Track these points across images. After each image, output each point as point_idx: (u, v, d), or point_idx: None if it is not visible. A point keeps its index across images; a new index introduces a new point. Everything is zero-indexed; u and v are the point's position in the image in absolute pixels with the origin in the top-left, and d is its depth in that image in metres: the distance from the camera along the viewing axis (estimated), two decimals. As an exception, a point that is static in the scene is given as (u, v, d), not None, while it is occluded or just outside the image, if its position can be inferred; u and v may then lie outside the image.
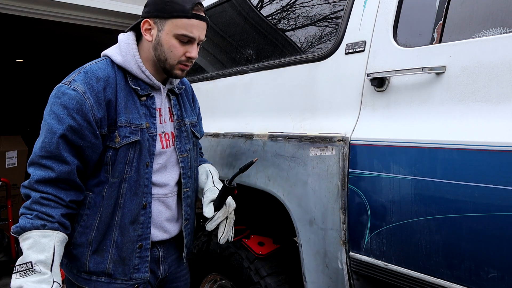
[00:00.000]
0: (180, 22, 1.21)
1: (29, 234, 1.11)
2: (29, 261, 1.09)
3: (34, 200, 1.14)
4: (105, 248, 1.25)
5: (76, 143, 1.17)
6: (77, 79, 1.19)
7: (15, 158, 3.96)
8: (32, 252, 1.10)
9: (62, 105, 1.15)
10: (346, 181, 1.33)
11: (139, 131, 1.25)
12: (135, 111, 1.26)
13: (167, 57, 1.25)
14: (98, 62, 1.27)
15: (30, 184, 1.15)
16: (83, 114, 1.16)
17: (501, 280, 1.01)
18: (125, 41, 1.29)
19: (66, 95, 1.16)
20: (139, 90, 1.27)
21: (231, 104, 2.01)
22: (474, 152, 1.05)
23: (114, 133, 1.22)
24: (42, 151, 1.15)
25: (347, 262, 1.37)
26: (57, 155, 1.15)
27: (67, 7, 3.92)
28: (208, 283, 2.10)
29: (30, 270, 1.08)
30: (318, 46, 1.63)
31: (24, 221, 1.12)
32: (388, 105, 1.30)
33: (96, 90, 1.19)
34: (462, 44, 1.15)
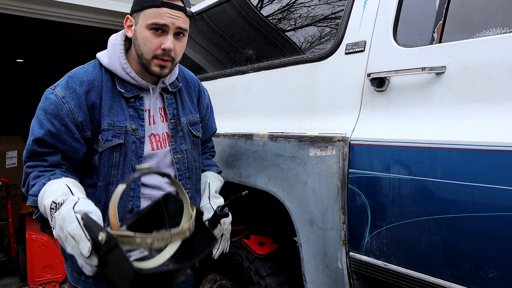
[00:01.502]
0: (150, 11, 1.17)
1: (41, 192, 1.11)
2: (49, 206, 1.04)
3: (33, 176, 1.17)
4: None
5: (55, 147, 1.20)
6: (60, 84, 1.22)
7: (15, 158, 3.96)
8: (47, 199, 1.06)
9: (43, 109, 1.20)
10: (346, 181, 1.33)
11: (123, 134, 1.23)
12: (120, 113, 1.24)
13: (142, 51, 1.21)
14: (86, 65, 1.29)
15: (25, 172, 1.21)
16: (61, 118, 1.18)
17: (501, 280, 1.01)
18: (112, 42, 1.29)
19: (48, 100, 1.20)
20: (124, 92, 1.26)
21: (231, 104, 2.01)
22: (474, 152, 1.05)
23: (98, 136, 1.23)
24: (28, 153, 1.21)
25: (347, 262, 1.37)
26: (42, 153, 1.20)
27: (67, 7, 3.92)
28: (208, 283, 2.10)
29: (55, 208, 1.03)
30: (318, 46, 1.63)
31: (32, 190, 1.15)
32: (388, 105, 1.30)
33: (78, 93, 1.20)
34: (462, 44, 1.15)
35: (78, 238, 0.90)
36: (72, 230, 0.91)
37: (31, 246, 3.20)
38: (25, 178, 1.21)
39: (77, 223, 0.92)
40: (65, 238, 0.94)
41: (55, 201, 1.03)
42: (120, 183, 1.00)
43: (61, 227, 0.94)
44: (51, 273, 3.26)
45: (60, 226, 0.95)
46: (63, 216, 0.95)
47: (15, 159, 3.96)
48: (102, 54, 1.29)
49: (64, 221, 0.94)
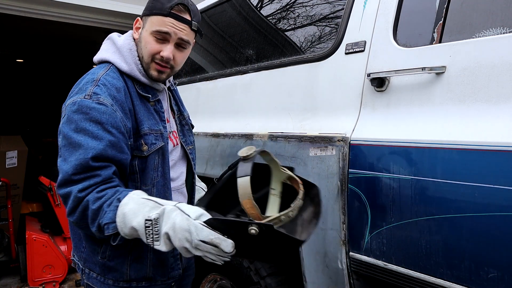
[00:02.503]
0: (156, 19, 1.19)
1: (120, 217, 1.03)
2: (143, 225, 1.00)
3: (93, 200, 1.05)
4: (143, 255, 1.25)
5: (115, 158, 1.11)
6: (99, 91, 1.13)
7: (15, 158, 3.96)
8: (136, 221, 1.01)
9: (93, 120, 1.09)
10: (346, 181, 1.33)
11: (160, 137, 1.26)
12: (151, 118, 1.26)
13: (143, 53, 1.23)
14: (108, 71, 1.22)
15: (77, 198, 1.05)
16: (117, 126, 1.12)
17: (501, 280, 1.01)
18: (127, 46, 1.26)
19: (95, 110, 1.10)
20: (150, 97, 1.27)
21: (231, 104, 2.01)
22: (474, 152, 1.05)
23: (138, 142, 1.20)
24: (78, 168, 1.06)
25: (347, 262, 1.37)
26: (97, 168, 1.08)
27: (67, 7, 3.92)
28: (208, 283, 2.10)
29: (152, 225, 1.00)
30: (318, 46, 1.63)
31: (107, 218, 1.04)
32: (388, 105, 1.30)
33: (120, 100, 1.16)
34: (462, 44, 1.15)
35: (217, 241, 0.95)
36: (206, 236, 0.96)
37: (31, 246, 3.20)
38: (75, 204, 1.06)
39: (207, 229, 0.96)
40: (196, 246, 0.97)
41: (149, 219, 1.00)
42: (240, 175, 1.08)
43: (187, 239, 0.97)
44: (51, 273, 3.27)
45: (185, 238, 0.97)
46: (184, 229, 0.97)
47: (15, 159, 3.96)
48: (116, 59, 1.25)
49: (189, 232, 0.97)
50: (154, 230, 1.00)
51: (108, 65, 1.25)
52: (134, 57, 1.25)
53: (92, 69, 1.25)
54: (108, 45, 1.29)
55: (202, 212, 1.02)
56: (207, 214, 1.02)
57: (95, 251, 1.23)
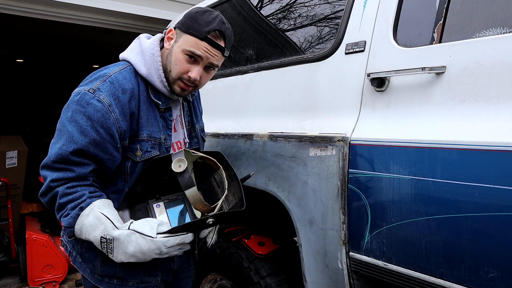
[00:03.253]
0: (191, 39, 1.21)
1: (79, 226, 1.12)
2: (99, 240, 1.11)
3: (61, 194, 1.13)
4: None
5: (96, 156, 1.16)
6: (103, 88, 1.16)
7: (15, 158, 3.96)
8: (92, 235, 1.11)
9: (86, 115, 1.13)
10: (346, 181, 1.33)
11: (157, 145, 1.27)
12: (155, 124, 1.27)
13: (172, 69, 1.25)
14: (123, 70, 1.24)
15: (49, 186, 1.14)
16: (107, 127, 1.14)
17: (501, 280, 1.01)
18: (151, 51, 1.27)
19: (91, 106, 1.13)
20: (160, 104, 1.28)
21: (231, 104, 2.01)
22: (474, 152, 1.05)
23: (135, 145, 1.23)
24: (58, 158, 1.13)
25: (347, 262, 1.37)
26: (75, 163, 1.14)
27: (67, 7, 3.92)
28: (208, 283, 2.10)
29: (106, 242, 1.11)
30: (318, 46, 1.63)
31: (66, 222, 1.14)
32: (388, 105, 1.30)
33: (121, 102, 1.17)
34: (462, 44, 1.15)
35: (181, 241, 1.14)
36: (173, 243, 1.13)
37: (31, 246, 3.20)
38: (47, 190, 1.15)
39: (172, 238, 1.13)
40: (165, 253, 1.13)
41: (104, 237, 1.11)
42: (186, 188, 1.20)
43: (156, 254, 1.12)
44: (51, 273, 3.27)
45: (155, 254, 1.12)
46: (153, 248, 1.11)
47: (15, 159, 3.96)
48: (136, 60, 1.27)
49: (158, 249, 1.11)
50: (109, 247, 1.11)
51: (126, 64, 1.27)
52: (156, 63, 1.26)
53: (112, 64, 1.28)
54: (135, 45, 1.31)
55: (158, 222, 1.15)
56: (162, 222, 1.17)
57: (77, 240, 1.27)
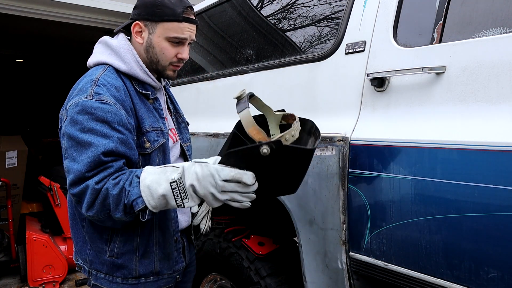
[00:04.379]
0: (171, 25, 1.22)
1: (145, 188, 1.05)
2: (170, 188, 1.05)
3: (112, 186, 1.06)
4: (150, 250, 1.28)
5: (125, 154, 1.13)
6: (100, 91, 1.14)
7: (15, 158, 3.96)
8: (162, 187, 1.05)
9: (99, 120, 1.10)
10: (346, 181, 1.33)
11: (161, 134, 1.28)
12: (151, 115, 1.28)
13: (159, 59, 1.27)
14: (105, 72, 1.21)
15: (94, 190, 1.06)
16: (124, 124, 1.14)
17: (501, 280, 1.01)
18: (124, 47, 1.27)
19: (99, 109, 1.10)
20: (150, 95, 1.29)
21: (231, 104, 2.01)
22: (474, 152, 1.05)
23: (141, 139, 1.23)
24: (92, 165, 1.07)
25: (347, 262, 1.37)
26: (110, 161, 1.10)
27: (67, 7, 3.92)
28: (208, 283, 2.10)
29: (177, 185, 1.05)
30: (318, 46, 1.63)
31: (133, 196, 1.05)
32: (388, 105, 1.30)
33: (120, 99, 1.17)
34: (462, 44, 1.15)
35: (238, 176, 1.02)
36: (227, 174, 1.02)
37: (31, 246, 3.20)
38: (94, 197, 1.07)
39: (227, 168, 1.03)
40: (221, 188, 1.03)
41: (173, 180, 1.05)
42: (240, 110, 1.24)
43: (211, 183, 1.03)
44: (51, 273, 3.26)
45: (209, 183, 1.03)
46: (206, 174, 1.03)
47: (15, 159, 3.96)
48: (113, 59, 1.25)
49: (212, 176, 1.03)
50: (180, 189, 1.05)
51: (105, 66, 1.25)
52: (134, 56, 1.26)
53: (89, 72, 1.25)
54: (102, 48, 1.30)
55: (217, 158, 1.08)
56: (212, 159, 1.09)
57: (102, 250, 1.24)
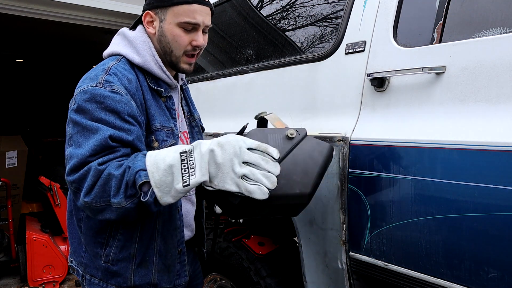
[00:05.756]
0: (181, 9, 1.14)
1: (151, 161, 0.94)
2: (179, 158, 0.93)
3: (115, 167, 0.96)
4: (149, 259, 1.18)
5: (135, 145, 1.05)
6: (111, 80, 1.07)
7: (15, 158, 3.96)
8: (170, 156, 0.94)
9: (109, 110, 1.02)
10: (346, 181, 1.33)
11: (171, 134, 1.20)
12: (162, 114, 1.19)
13: (173, 48, 1.18)
14: (118, 62, 1.15)
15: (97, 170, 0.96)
16: (134, 116, 1.07)
17: (501, 280, 1.01)
18: (141, 38, 1.20)
19: (109, 98, 1.03)
20: (163, 92, 1.21)
21: (231, 104, 2.01)
22: (474, 152, 1.05)
23: (149, 138, 1.14)
24: (98, 148, 0.98)
25: (347, 262, 1.37)
26: (117, 146, 1.01)
27: (67, 7, 3.92)
28: (208, 283, 2.10)
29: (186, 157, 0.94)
30: (318, 46, 1.63)
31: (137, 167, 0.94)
32: (388, 105, 1.30)
33: (131, 92, 1.10)
34: (462, 44, 1.15)
35: (264, 146, 0.95)
36: (252, 143, 0.95)
37: (31, 246, 3.20)
38: (96, 179, 0.96)
39: (251, 140, 0.95)
40: (244, 155, 0.93)
41: (183, 150, 0.94)
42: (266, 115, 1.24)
43: (234, 150, 0.92)
44: (51, 273, 3.27)
45: (233, 150, 0.92)
46: (231, 139, 0.94)
47: (15, 159, 3.96)
48: (128, 51, 1.19)
49: (236, 141, 0.93)
50: (190, 163, 0.94)
51: (119, 57, 1.18)
52: (150, 49, 1.19)
53: (102, 61, 1.20)
54: (119, 39, 1.24)
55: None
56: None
57: (98, 255, 1.16)
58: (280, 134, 1.06)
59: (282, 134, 1.05)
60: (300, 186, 1.06)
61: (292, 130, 1.05)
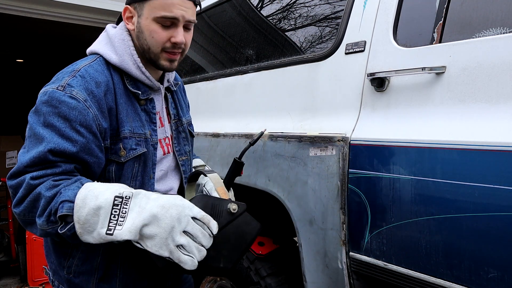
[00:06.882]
0: (158, 2, 1.06)
1: (82, 195, 0.89)
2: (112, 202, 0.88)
3: (47, 187, 0.92)
4: (112, 273, 1.13)
5: (83, 159, 1.00)
6: (74, 83, 1.01)
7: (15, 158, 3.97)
8: (103, 197, 0.89)
9: (61, 116, 0.98)
10: (346, 181, 1.33)
11: (143, 142, 1.12)
12: (136, 119, 1.12)
13: (150, 44, 1.10)
14: (92, 62, 1.09)
15: (28, 185, 0.93)
16: (88, 125, 1.00)
17: (501, 280, 1.01)
18: (119, 36, 1.13)
19: (64, 104, 0.98)
20: (140, 94, 1.13)
21: (231, 104, 2.01)
22: (474, 152, 1.05)
23: (117, 145, 1.08)
24: (36, 160, 0.95)
25: (347, 262, 1.37)
26: (58, 161, 0.97)
27: (67, 7, 3.93)
28: (208, 283, 2.10)
29: (121, 203, 0.89)
30: (318, 46, 1.63)
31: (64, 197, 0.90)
32: (388, 105, 1.30)
33: (97, 97, 1.03)
34: (462, 44, 1.15)
35: (207, 218, 0.93)
36: (198, 212, 0.92)
37: (31, 246, 3.20)
38: (26, 193, 0.93)
39: (197, 208, 0.92)
40: (185, 225, 0.89)
41: (120, 195, 0.89)
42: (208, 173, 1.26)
43: (178, 216, 0.88)
44: (51, 273, 3.27)
45: (177, 215, 0.89)
46: (178, 204, 0.90)
47: (15, 159, 3.97)
48: (105, 50, 1.12)
49: (183, 207, 0.90)
50: (122, 211, 0.88)
51: (95, 56, 1.12)
52: (128, 47, 1.11)
53: (82, 59, 1.13)
54: (102, 37, 1.17)
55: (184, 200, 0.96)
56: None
57: (61, 265, 1.11)
58: (223, 206, 1.05)
59: (225, 207, 1.05)
60: (225, 261, 1.07)
61: (235, 206, 1.05)
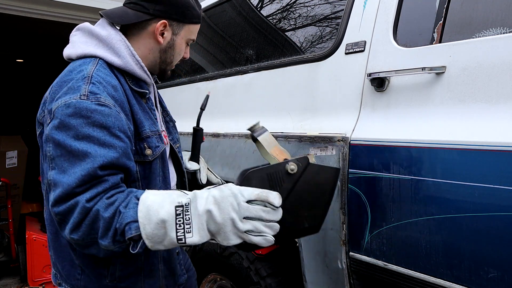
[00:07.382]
0: (194, 28, 1.21)
1: (143, 211, 0.89)
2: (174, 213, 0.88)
3: (104, 207, 0.90)
4: (155, 268, 1.16)
5: (125, 166, 0.98)
6: (96, 90, 0.97)
7: (15, 158, 3.97)
8: (164, 210, 0.89)
9: (97, 125, 0.93)
10: (346, 181, 1.33)
11: (159, 138, 1.15)
12: (147, 117, 1.13)
13: (174, 60, 1.21)
14: (97, 67, 1.04)
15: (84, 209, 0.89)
16: (124, 130, 0.99)
17: (501, 280, 1.01)
18: (119, 38, 1.10)
19: (97, 112, 0.94)
20: (147, 93, 1.15)
21: (231, 104, 2.01)
22: (474, 152, 1.05)
23: (141, 145, 1.08)
24: (86, 178, 0.90)
25: (347, 262, 1.37)
26: (106, 175, 0.94)
27: (67, 7, 3.92)
28: (208, 283, 2.10)
29: (183, 211, 0.89)
30: (318, 46, 1.63)
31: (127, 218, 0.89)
32: (388, 105, 1.30)
33: (119, 100, 1.01)
34: (462, 44, 1.15)
35: (264, 194, 0.89)
36: (251, 193, 0.90)
37: (31, 246, 3.20)
38: (83, 217, 0.89)
39: (249, 188, 0.91)
40: (244, 211, 0.88)
41: (179, 204, 0.89)
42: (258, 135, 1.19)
43: (233, 206, 0.88)
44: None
45: (231, 206, 0.88)
46: (227, 194, 0.89)
47: (15, 159, 3.97)
48: (104, 52, 1.08)
49: (234, 196, 0.89)
50: (185, 219, 0.88)
51: (95, 59, 1.06)
52: (128, 48, 1.10)
53: (75, 65, 1.06)
54: (86, 38, 1.11)
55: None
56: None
57: (101, 275, 1.08)
58: (280, 171, 0.97)
59: (282, 170, 0.97)
60: (309, 220, 1.01)
61: (293, 165, 0.96)
